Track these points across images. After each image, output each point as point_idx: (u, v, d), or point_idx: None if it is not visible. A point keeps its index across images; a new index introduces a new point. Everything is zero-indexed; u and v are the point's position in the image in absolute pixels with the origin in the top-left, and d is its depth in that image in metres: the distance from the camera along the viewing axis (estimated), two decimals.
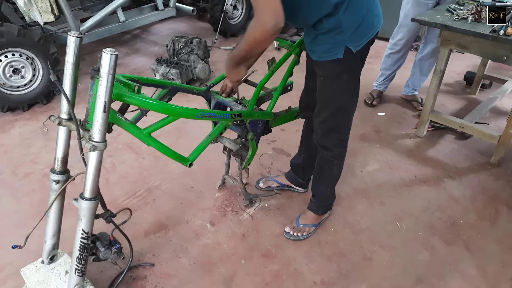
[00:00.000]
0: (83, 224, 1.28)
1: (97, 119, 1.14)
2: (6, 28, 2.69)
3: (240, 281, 1.67)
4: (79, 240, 1.30)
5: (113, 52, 1.09)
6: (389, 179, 2.27)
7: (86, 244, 1.31)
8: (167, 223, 1.96)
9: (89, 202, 1.25)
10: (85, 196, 1.25)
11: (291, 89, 2.32)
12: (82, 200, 1.25)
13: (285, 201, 2.10)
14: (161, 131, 1.49)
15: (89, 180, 1.23)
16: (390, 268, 1.74)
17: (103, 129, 1.16)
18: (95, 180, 1.24)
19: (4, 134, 2.70)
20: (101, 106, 1.12)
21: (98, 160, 1.21)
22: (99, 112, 1.13)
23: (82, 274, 1.36)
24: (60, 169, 1.36)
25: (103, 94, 1.11)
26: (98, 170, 1.23)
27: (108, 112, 1.14)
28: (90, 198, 1.25)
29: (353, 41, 1.44)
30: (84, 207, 1.26)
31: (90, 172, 1.22)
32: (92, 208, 1.27)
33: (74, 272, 1.34)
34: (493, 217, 2.00)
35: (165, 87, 1.65)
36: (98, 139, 1.17)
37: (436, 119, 2.56)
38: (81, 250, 1.31)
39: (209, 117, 1.49)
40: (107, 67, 1.09)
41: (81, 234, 1.29)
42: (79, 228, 1.28)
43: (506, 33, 1.94)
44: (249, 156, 1.88)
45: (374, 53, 4.03)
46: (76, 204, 1.27)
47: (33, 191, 2.17)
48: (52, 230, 1.48)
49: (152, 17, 3.95)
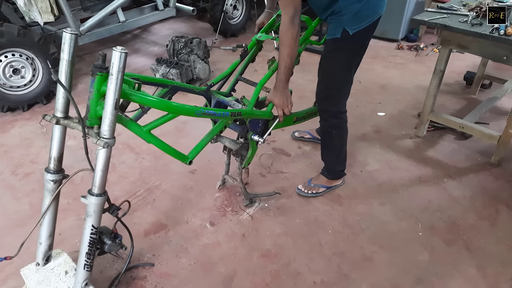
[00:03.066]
0: (93, 220, 1.30)
1: (108, 116, 1.17)
2: (6, 28, 2.69)
3: (240, 281, 1.67)
4: (89, 236, 1.32)
5: (123, 50, 1.11)
6: (389, 179, 2.27)
7: (95, 239, 1.34)
8: (167, 223, 1.96)
9: (98, 198, 1.27)
10: (94, 192, 1.27)
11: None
12: (92, 196, 1.27)
13: (285, 201, 2.10)
14: (161, 131, 1.49)
15: (98, 176, 1.25)
16: (390, 268, 1.74)
17: (113, 125, 1.19)
18: (104, 176, 1.26)
19: (4, 134, 2.70)
20: (111, 104, 1.15)
21: (107, 157, 1.23)
22: (110, 109, 1.16)
23: (90, 269, 1.39)
24: (55, 168, 1.36)
25: (114, 92, 1.13)
26: (107, 167, 1.25)
27: (118, 109, 1.17)
28: (99, 194, 1.28)
29: (351, 24, 1.66)
30: (93, 203, 1.28)
31: (99, 169, 1.24)
32: (101, 204, 1.30)
33: (83, 267, 1.36)
34: (493, 217, 2.00)
35: (166, 86, 1.65)
36: (109, 136, 1.19)
37: (436, 119, 2.56)
38: (90, 246, 1.33)
39: (209, 114, 1.49)
40: (117, 65, 1.12)
41: (91, 230, 1.31)
42: (88, 224, 1.30)
43: (506, 33, 1.94)
44: (249, 155, 1.88)
45: (374, 53, 4.04)
46: (85, 201, 1.28)
47: (33, 191, 2.17)
48: (48, 231, 1.47)
49: (152, 17, 3.95)
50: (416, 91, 3.27)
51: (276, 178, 2.27)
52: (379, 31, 4.36)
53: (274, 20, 2.00)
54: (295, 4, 1.53)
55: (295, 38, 1.59)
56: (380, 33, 4.37)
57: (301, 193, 2.12)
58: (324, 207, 2.06)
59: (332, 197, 2.12)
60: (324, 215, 2.01)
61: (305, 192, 2.11)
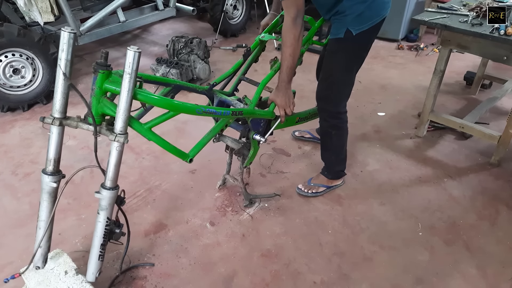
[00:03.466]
0: (108, 213, 1.35)
1: (122, 112, 1.20)
2: (6, 28, 2.69)
3: (240, 281, 1.67)
4: (103, 228, 1.37)
5: (137, 49, 1.15)
6: (389, 179, 2.27)
7: (108, 231, 1.39)
8: (167, 223, 1.96)
9: (112, 192, 1.32)
10: (108, 186, 1.31)
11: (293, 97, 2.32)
12: (106, 190, 1.31)
13: (285, 201, 2.10)
14: (162, 131, 1.50)
15: (112, 170, 1.30)
16: (390, 268, 1.74)
17: (127, 121, 1.24)
18: (117, 170, 1.31)
19: (4, 134, 2.70)
20: (126, 101, 1.19)
21: (121, 152, 1.28)
22: (124, 106, 1.19)
23: (103, 258, 1.44)
24: (53, 169, 1.35)
25: (128, 89, 1.17)
26: (120, 161, 1.30)
27: (131, 105, 1.21)
28: (113, 188, 1.33)
29: (355, 25, 1.66)
30: (108, 196, 1.32)
31: (112, 164, 1.28)
32: (114, 197, 1.35)
33: (98, 258, 1.41)
34: (493, 217, 2.00)
35: (168, 85, 1.65)
36: (123, 131, 1.24)
37: (436, 119, 2.56)
38: (105, 237, 1.39)
39: (209, 113, 1.49)
40: (131, 64, 1.15)
41: (106, 222, 1.36)
42: (102, 217, 1.35)
43: (506, 33, 1.94)
44: (251, 155, 1.88)
45: (374, 53, 4.04)
46: (99, 196, 1.32)
47: (33, 191, 2.17)
48: (48, 233, 1.46)
49: (152, 17, 3.95)
50: (416, 91, 3.28)
51: (276, 178, 2.27)
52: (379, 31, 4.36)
53: (278, 21, 2.01)
54: (298, 5, 1.53)
55: (297, 38, 1.58)
56: (380, 33, 4.29)
57: (301, 192, 2.12)
58: (324, 207, 2.06)
59: (332, 197, 2.12)
60: (324, 215, 2.01)
61: (305, 192, 2.11)
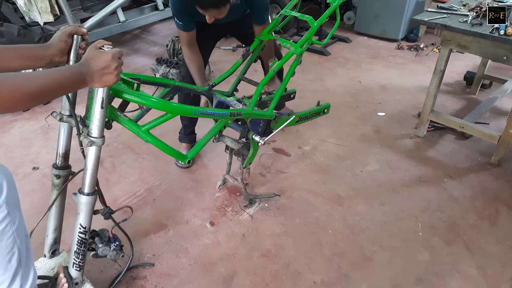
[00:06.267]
0: (81, 219, 1.29)
1: (95, 115, 1.17)
2: (6, 28, 2.70)
3: (240, 281, 1.67)
4: (77, 235, 1.31)
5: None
6: (389, 179, 2.27)
7: (84, 239, 1.33)
8: (167, 223, 1.96)
9: (87, 197, 1.27)
10: (83, 191, 1.27)
11: (294, 98, 2.32)
12: (81, 194, 1.27)
13: (285, 201, 2.10)
14: (161, 132, 1.50)
15: (87, 175, 1.25)
16: (390, 268, 1.74)
17: (101, 125, 1.18)
18: (93, 175, 1.26)
19: (4, 134, 2.70)
20: (99, 102, 1.15)
21: (96, 156, 1.23)
22: (97, 108, 1.15)
23: (80, 268, 1.37)
24: (61, 164, 1.40)
25: (101, 90, 1.14)
26: (96, 166, 1.25)
27: (105, 108, 1.17)
28: (88, 193, 1.27)
29: None
30: (82, 201, 1.27)
31: (88, 168, 1.24)
32: (90, 203, 1.28)
33: (72, 266, 1.36)
34: (493, 217, 2.00)
35: (167, 86, 1.65)
36: (96, 135, 1.19)
37: (436, 119, 2.56)
38: (78, 245, 1.33)
39: (207, 114, 1.48)
40: None
41: (79, 229, 1.30)
42: (77, 222, 1.30)
43: (506, 33, 1.94)
44: (250, 155, 1.88)
45: (374, 53, 4.04)
46: (75, 198, 1.29)
47: (33, 191, 2.17)
48: (54, 224, 1.50)
49: (152, 17, 3.95)
50: (416, 91, 3.27)
51: (276, 178, 2.27)
52: (379, 31, 4.37)
53: (277, 21, 2.01)
54: None
55: None
56: (380, 33, 4.37)
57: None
58: (324, 207, 2.06)
59: (332, 197, 2.12)
60: (324, 215, 2.01)
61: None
